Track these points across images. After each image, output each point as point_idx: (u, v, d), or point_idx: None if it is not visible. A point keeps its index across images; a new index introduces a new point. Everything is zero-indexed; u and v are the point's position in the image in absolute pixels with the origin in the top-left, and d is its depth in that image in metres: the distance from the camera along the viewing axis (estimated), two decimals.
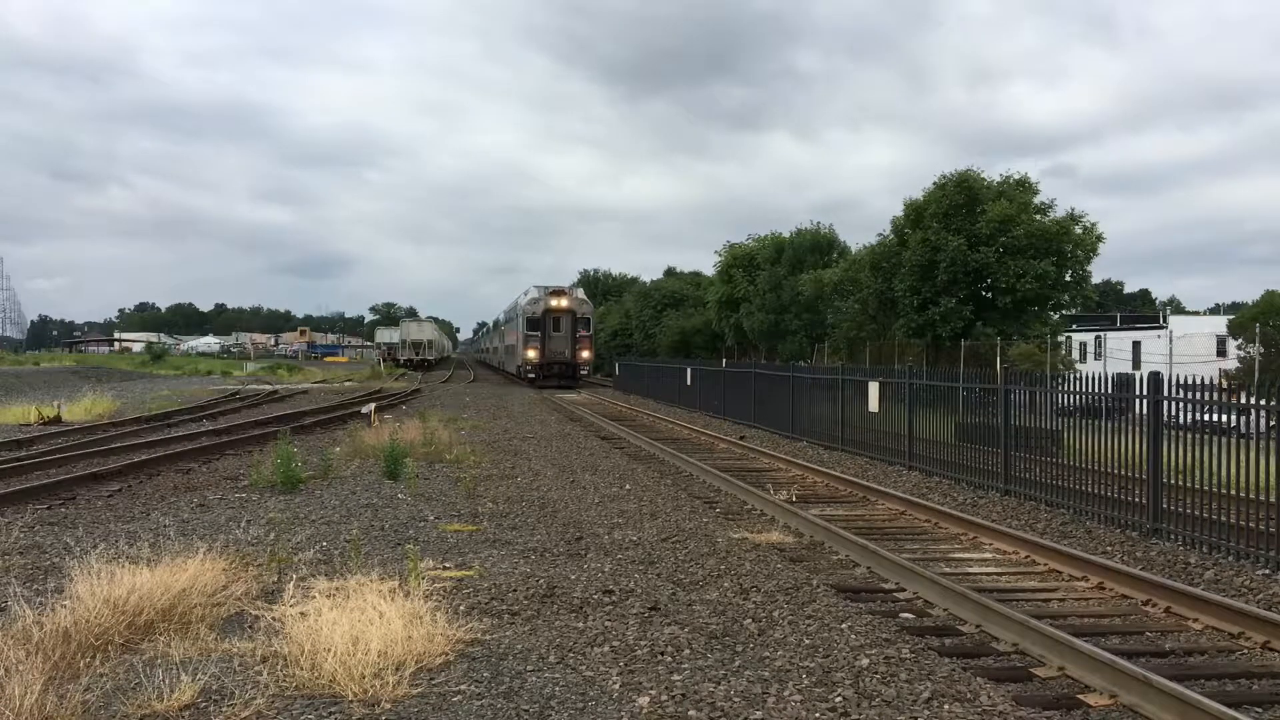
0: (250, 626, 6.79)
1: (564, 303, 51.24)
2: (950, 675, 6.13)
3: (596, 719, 5.40)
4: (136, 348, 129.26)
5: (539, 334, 50.66)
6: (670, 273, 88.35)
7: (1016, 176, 34.29)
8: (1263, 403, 10.33)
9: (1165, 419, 11.33)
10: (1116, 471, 11.97)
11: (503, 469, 16.23)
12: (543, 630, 6.99)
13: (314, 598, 6.88)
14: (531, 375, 50.66)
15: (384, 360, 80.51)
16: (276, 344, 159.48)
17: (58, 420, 24.91)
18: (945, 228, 32.77)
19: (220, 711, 5.31)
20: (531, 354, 50.64)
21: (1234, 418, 10.91)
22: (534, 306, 51.07)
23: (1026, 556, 9.90)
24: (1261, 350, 44.87)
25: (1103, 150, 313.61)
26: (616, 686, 5.86)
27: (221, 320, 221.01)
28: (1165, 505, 10.91)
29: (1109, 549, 10.44)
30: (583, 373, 52.12)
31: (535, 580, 8.41)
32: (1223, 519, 10.00)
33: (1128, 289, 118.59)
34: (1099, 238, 32.92)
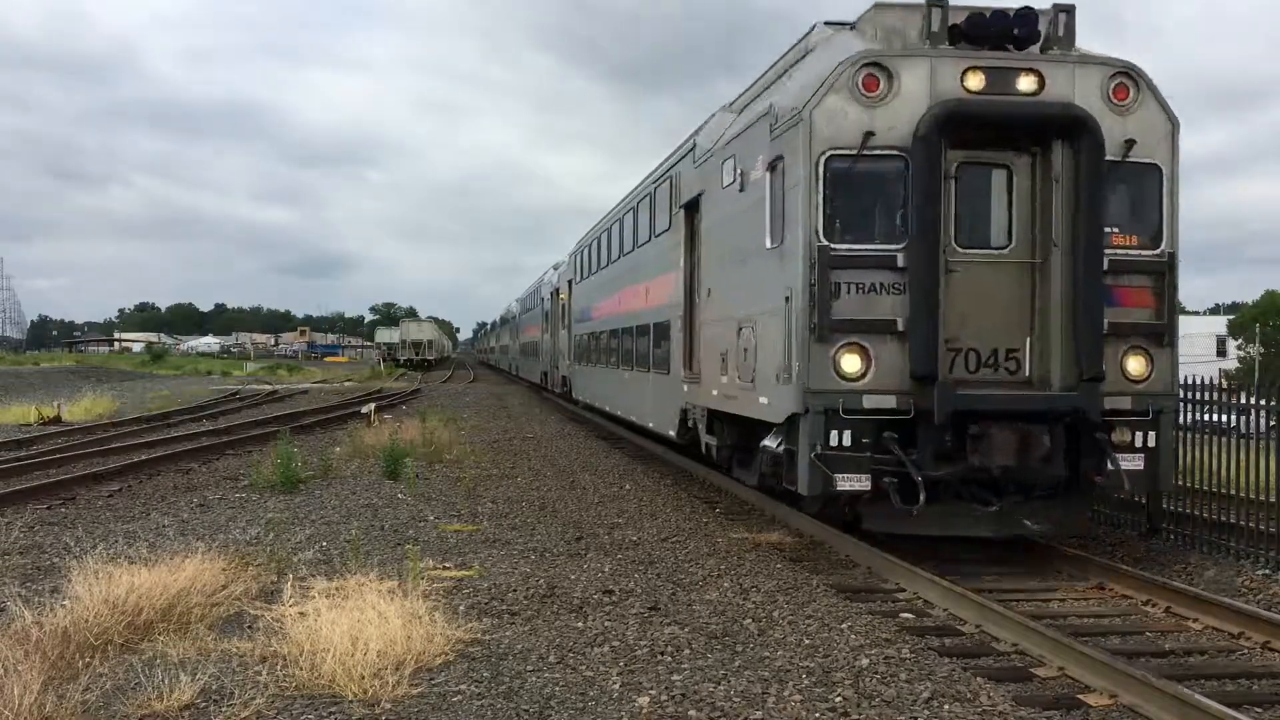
0: (250, 626, 6.79)
1: (1030, 85, 8.56)
2: (950, 675, 6.13)
3: (596, 719, 5.39)
4: (136, 348, 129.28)
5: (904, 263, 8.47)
6: None
7: None
8: (1263, 403, 10.33)
9: None
10: None
11: (503, 469, 16.22)
12: (543, 630, 6.98)
13: (313, 598, 6.89)
14: (858, 496, 8.62)
15: (384, 360, 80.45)
16: (276, 344, 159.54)
17: (58, 420, 24.91)
18: None
19: (220, 711, 5.31)
20: (853, 361, 8.42)
21: (1234, 418, 10.90)
22: (875, 98, 8.51)
23: None
24: (1261, 350, 44.88)
25: None
26: (616, 686, 5.86)
27: (221, 320, 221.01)
28: (1165, 505, 10.90)
29: (1109, 549, 10.43)
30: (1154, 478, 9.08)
31: (535, 580, 8.41)
32: (1223, 519, 9.99)
33: None
34: None
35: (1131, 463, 8.76)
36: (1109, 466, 8.63)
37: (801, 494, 8.86)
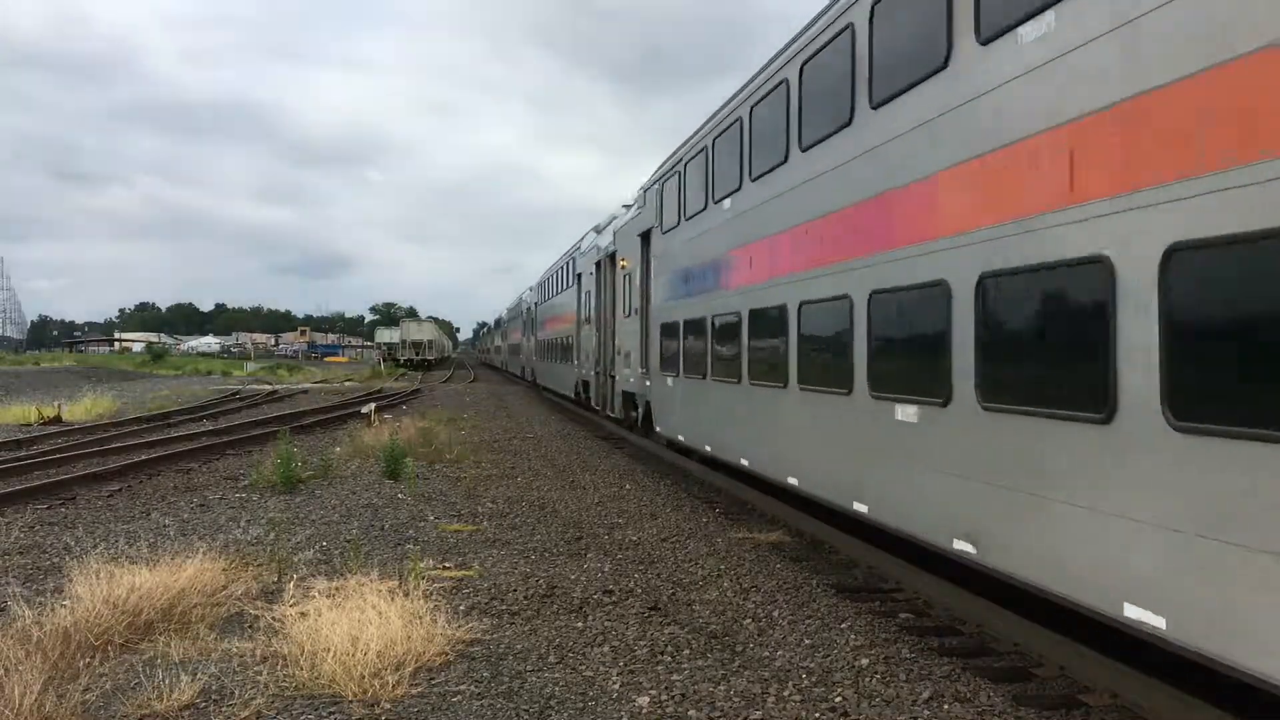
0: (250, 626, 6.79)
1: None
2: (950, 675, 6.13)
3: (596, 719, 5.40)
4: (136, 348, 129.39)
5: None
6: None
7: None
8: None
9: None
10: None
11: (502, 469, 16.23)
12: (543, 630, 6.99)
13: (314, 598, 6.89)
14: None
15: (384, 360, 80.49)
16: (276, 344, 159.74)
17: (58, 420, 24.92)
18: None
19: (220, 711, 5.31)
20: None
21: None
22: None
23: None
24: None
25: None
26: (616, 686, 5.86)
27: (221, 320, 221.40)
28: None
29: None
30: None
31: (535, 580, 8.41)
32: None
33: None
34: None
35: None
36: None
37: None
